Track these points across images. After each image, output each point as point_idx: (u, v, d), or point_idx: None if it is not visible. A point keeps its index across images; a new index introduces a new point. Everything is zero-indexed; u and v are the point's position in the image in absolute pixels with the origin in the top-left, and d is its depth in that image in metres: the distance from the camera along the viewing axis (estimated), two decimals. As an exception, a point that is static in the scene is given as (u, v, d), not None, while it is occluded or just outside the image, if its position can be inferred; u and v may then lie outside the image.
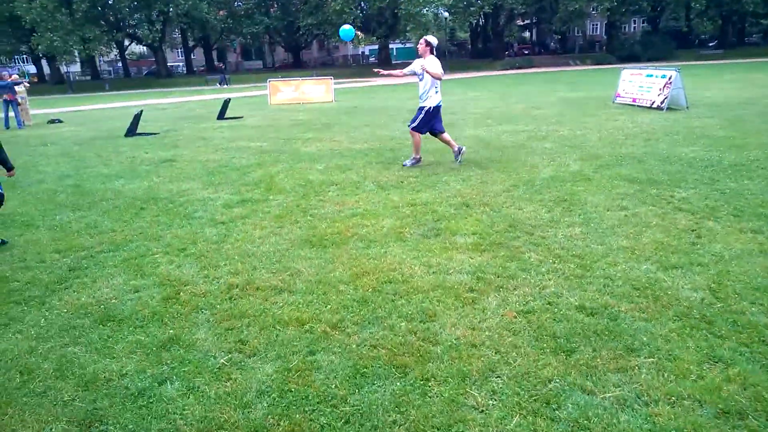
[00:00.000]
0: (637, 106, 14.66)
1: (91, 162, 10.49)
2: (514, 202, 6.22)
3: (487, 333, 3.42)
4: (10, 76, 18.26)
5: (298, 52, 63.23)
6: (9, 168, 6.03)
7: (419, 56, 8.29)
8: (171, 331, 3.68)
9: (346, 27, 8.62)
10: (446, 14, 56.87)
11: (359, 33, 50.42)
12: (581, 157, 8.51)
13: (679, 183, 6.66)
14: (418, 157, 8.65)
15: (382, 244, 5.14)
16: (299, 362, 3.23)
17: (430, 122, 8.40)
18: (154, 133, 14.12)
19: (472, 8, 51.82)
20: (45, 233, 6.04)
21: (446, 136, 8.54)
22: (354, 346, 3.38)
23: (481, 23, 63.78)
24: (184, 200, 7.15)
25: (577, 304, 3.72)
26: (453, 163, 8.52)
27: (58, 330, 3.79)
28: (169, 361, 3.32)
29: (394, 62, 58.36)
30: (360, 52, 73.64)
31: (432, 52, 8.17)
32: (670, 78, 13.67)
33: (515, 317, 3.59)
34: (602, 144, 9.66)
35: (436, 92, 8.28)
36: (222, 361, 3.29)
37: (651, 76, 14.64)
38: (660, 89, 13.92)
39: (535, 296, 3.88)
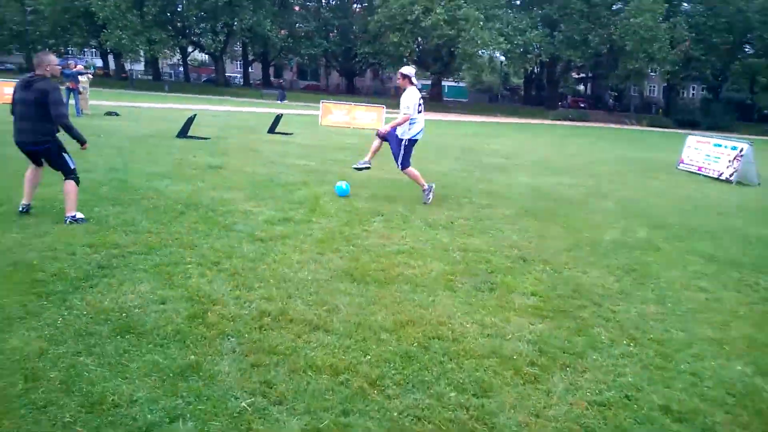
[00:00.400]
0: (703, 175, 13.96)
1: (140, 159, 10.40)
2: (578, 263, 5.71)
3: (553, 425, 2.92)
4: (76, 65, 18.69)
5: (353, 77, 63.98)
6: (82, 142, 6.26)
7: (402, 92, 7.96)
8: (192, 356, 3.30)
9: (342, 185, 8.39)
10: (502, 58, 56.87)
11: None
12: (648, 224, 7.92)
13: (763, 268, 6.04)
14: (426, 186, 8.26)
15: (430, 291, 4.70)
16: (330, 422, 2.79)
17: (409, 153, 8.13)
18: (206, 138, 14.09)
19: (528, 55, 51.66)
20: (80, 225, 5.80)
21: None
22: (395, 413, 2.93)
23: (536, 71, 63.58)
24: (225, 210, 6.87)
25: (661, 403, 3.18)
26: (426, 201, 8.14)
27: (73, 334, 3.46)
28: (185, 394, 2.93)
29: (445, 99, 58.52)
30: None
31: (411, 83, 7.88)
32: (741, 150, 12.99)
33: (587, 408, 3.08)
34: (670, 212, 9.06)
35: (411, 124, 7.92)
36: (244, 404, 2.88)
37: (719, 146, 13.96)
38: (729, 161, 13.24)
39: (610, 385, 3.35)
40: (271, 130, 16.46)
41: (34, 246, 5.05)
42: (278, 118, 16.71)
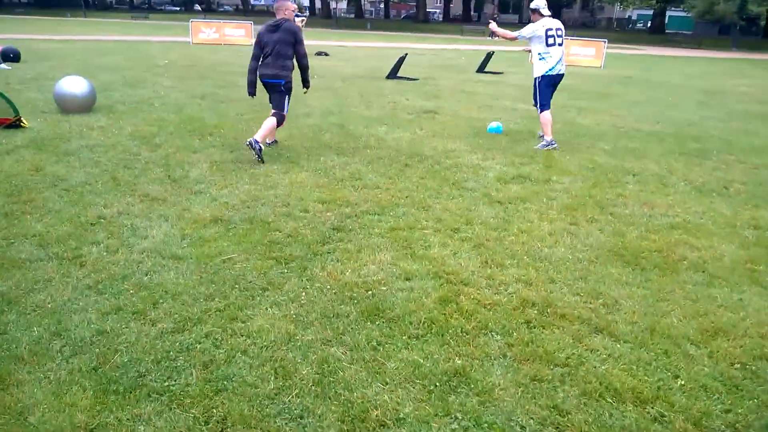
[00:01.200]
0: None
1: (354, 101, 10.23)
2: None
3: None
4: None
5: (560, 10, 59.04)
6: (308, 86, 6.56)
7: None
8: (457, 359, 2.70)
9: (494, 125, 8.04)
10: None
11: None
12: None
13: None
14: (549, 140, 7.08)
15: (732, 285, 3.58)
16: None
17: (547, 94, 7.07)
18: (414, 79, 13.62)
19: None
20: (309, 176, 5.59)
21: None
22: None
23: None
24: (450, 163, 6.24)
25: None
26: (536, 147, 7.09)
27: (319, 315, 3.07)
28: (459, 415, 2.34)
29: (667, 32, 51.35)
30: (627, 16, 66.53)
31: (541, 15, 6.95)
32: None
33: None
34: None
35: (541, 59, 6.93)
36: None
37: None
38: None
39: None
40: (481, 69, 15.46)
41: (266, 199, 4.89)
42: (489, 56, 15.62)
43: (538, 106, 7.14)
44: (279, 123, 6.36)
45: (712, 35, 54.37)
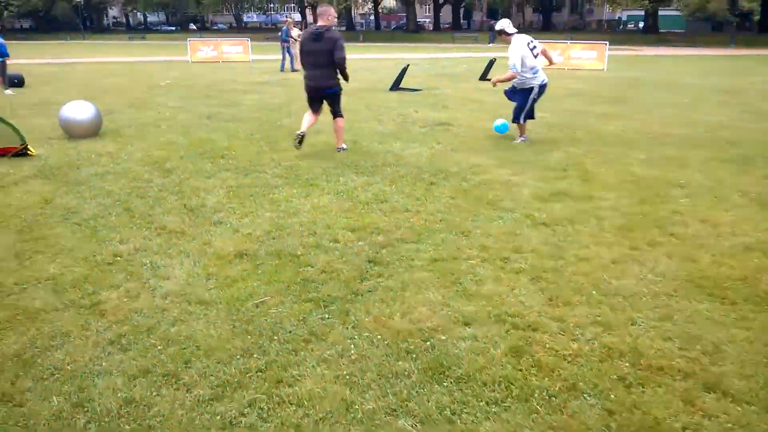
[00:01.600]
0: None
1: (362, 116, 9.85)
2: None
3: None
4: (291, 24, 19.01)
5: (549, 14, 59.13)
6: (346, 80, 6.71)
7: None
8: (552, 432, 2.28)
9: (498, 123, 7.78)
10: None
11: None
12: None
13: None
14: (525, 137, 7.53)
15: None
16: None
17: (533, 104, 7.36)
18: (417, 90, 13.26)
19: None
20: (332, 200, 5.18)
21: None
22: None
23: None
24: (479, 180, 5.83)
25: None
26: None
27: (375, 375, 2.64)
28: None
29: (661, 30, 51.37)
30: (616, 17, 66.66)
31: (507, 34, 7.16)
32: None
33: None
34: None
35: (534, 73, 7.18)
36: None
37: None
38: None
39: None
40: (483, 77, 15.11)
41: (291, 228, 4.48)
42: (491, 62, 15.28)
43: (522, 118, 7.35)
44: (343, 119, 6.86)
45: (706, 32, 54.34)
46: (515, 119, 7.39)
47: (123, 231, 4.46)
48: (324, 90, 6.67)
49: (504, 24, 7.25)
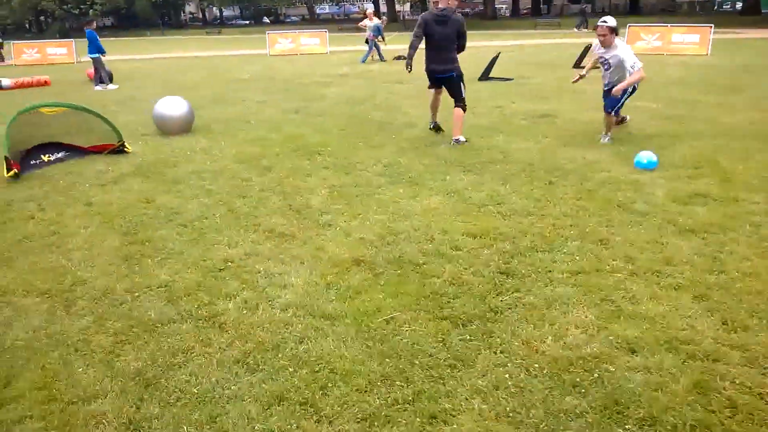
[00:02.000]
0: None
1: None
2: None
3: None
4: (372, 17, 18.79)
5: (638, -2, 55.98)
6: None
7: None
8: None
9: (643, 158, 5.70)
10: None
11: None
12: None
13: None
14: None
15: None
16: None
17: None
18: (509, 79, 12.68)
19: None
20: (443, 201, 4.85)
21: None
22: None
23: None
24: (602, 179, 5.32)
25: None
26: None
27: (543, 413, 2.30)
28: None
29: (764, 11, 47.55)
30: (710, -2, 62.42)
31: (617, 33, 6.28)
32: None
33: None
34: None
35: (636, 69, 6.11)
36: None
37: None
38: None
39: None
40: (577, 65, 14.29)
41: (405, 233, 4.19)
42: (587, 48, 14.42)
43: (616, 110, 6.59)
44: (464, 110, 6.71)
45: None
46: (616, 110, 6.59)
47: (230, 234, 4.31)
48: (444, 74, 6.67)
49: (614, 23, 6.29)
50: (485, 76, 12.70)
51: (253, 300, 3.30)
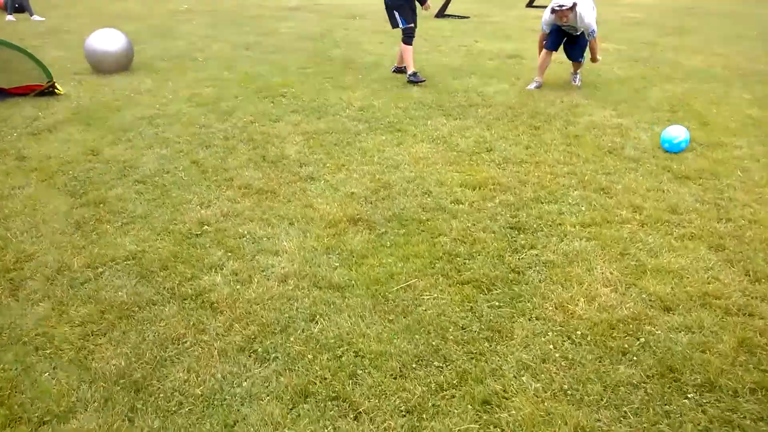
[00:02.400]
0: None
1: (419, 45, 8.90)
2: None
3: None
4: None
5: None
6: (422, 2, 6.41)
7: None
8: None
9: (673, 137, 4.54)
10: None
11: None
12: None
13: None
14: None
15: None
16: None
17: None
18: (465, 17, 12.23)
19: None
20: (431, 149, 4.57)
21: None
22: None
23: None
24: (586, 123, 5.17)
25: None
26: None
27: (600, 386, 2.14)
28: None
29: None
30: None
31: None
32: None
33: None
34: None
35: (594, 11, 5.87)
36: None
37: None
38: None
39: None
40: (530, 3, 13.97)
41: (398, 185, 3.91)
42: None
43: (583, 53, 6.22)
44: (404, 42, 6.48)
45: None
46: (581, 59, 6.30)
47: (199, 191, 3.82)
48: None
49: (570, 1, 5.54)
50: (441, 13, 12.19)
51: (244, 271, 2.90)
